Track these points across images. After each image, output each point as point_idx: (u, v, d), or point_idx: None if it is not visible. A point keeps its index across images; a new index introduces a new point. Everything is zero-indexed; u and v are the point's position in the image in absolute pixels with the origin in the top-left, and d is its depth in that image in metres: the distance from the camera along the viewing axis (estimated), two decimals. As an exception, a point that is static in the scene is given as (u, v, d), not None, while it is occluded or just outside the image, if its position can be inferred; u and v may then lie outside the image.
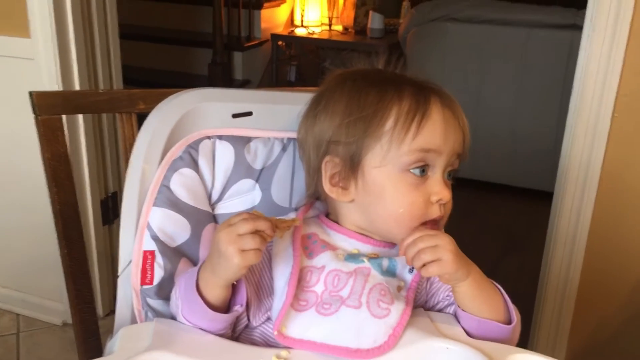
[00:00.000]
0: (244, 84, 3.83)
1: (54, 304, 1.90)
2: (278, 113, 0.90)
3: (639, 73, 1.35)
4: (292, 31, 4.05)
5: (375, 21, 3.81)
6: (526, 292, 1.71)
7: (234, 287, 0.73)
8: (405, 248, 0.73)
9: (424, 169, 0.76)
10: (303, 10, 3.98)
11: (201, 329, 0.73)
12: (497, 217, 2.81)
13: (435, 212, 0.77)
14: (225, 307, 0.73)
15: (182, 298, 0.73)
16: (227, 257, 0.67)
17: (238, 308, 0.73)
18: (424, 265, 0.72)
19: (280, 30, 4.12)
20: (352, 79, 0.80)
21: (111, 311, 1.97)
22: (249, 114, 0.89)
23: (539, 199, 2.76)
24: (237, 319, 0.76)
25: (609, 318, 1.54)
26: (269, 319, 0.77)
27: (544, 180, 2.75)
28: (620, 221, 1.46)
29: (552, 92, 2.73)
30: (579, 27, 2.59)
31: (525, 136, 2.85)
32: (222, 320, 0.72)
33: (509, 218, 2.80)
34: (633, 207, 1.44)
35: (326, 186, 0.79)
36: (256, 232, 0.67)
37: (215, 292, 0.71)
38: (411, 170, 0.75)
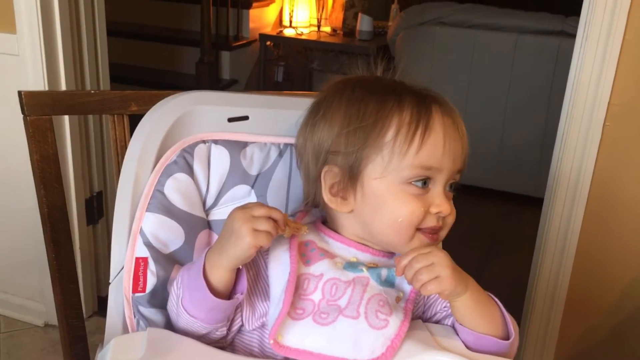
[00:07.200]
0: (231, 84, 3.80)
1: (35, 304, 1.87)
2: (275, 118, 0.88)
3: (631, 82, 1.35)
4: (281, 31, 4.02)
5: (364, 23, 3.80)
6: (511, 297, 1.71)
7: (236, 277, 0.72)
8: (403, 270, 0.72)
9: (425, 181, 0.75)
10: (292, 11, 3.96)
11: (198, 326, 0.72)
12: (482, 221, 2.82)
13: (431, 222, 0.76)
14: (226, 296, 0.72)
15: (184, 286, 0.72)
16: (239, 235, 0.68)
17: (239, 296, 0.72)
18: (422, 284, 0.71)
19: (269, 30, 4.10)
20: (351, 87, 0.78)
21: (94, 312, 1.94)
22: (245, 118, 0.87)
23: (523, 204, 2.78)
24: (233, 319, 0.75)
25: (596, 326, 1.55)
26: (263, 325, 0.76)
27: (530, 185, 2.78)
28: (609, 229, 1.47)
29: (539, 97, 2.75)
30: (566, 34, 2.65)
31: (511, 140, 2.88)
32: (221, 309, 0.71)
33: (493, 222, 2.81)
34: (622, 216, 1.45)
35: (326, 196, 0.78)
36: (270, 219, 0.69)
37: (220, 273, 0.70)
38: (413, 183, 0.75)
